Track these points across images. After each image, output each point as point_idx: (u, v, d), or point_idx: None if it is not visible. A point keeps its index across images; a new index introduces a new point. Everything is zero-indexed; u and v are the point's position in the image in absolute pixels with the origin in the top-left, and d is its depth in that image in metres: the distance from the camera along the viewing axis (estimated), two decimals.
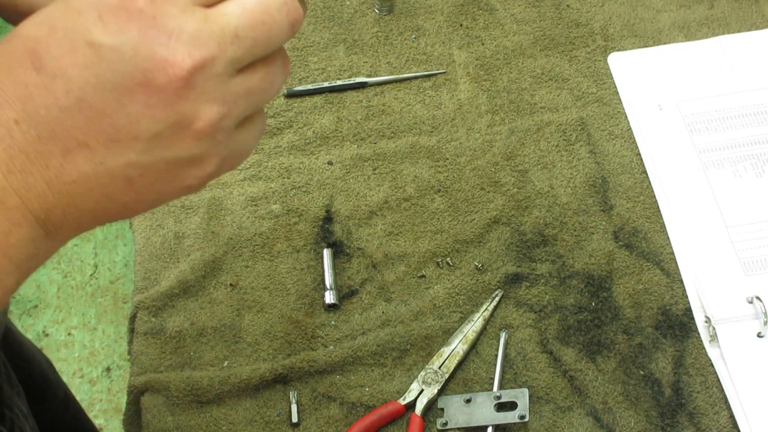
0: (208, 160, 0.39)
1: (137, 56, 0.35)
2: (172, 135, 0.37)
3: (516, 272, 0.74)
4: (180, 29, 0.36)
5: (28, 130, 0.36)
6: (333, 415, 0.68)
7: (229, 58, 0.37)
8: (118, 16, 0.35)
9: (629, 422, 0.67)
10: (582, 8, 0.89)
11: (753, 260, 0.73)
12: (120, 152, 0.37)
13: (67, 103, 0.36)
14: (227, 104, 0.38)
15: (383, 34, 0.89)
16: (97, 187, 0.38)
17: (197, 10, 0.37)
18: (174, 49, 0.36)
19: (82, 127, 0.36)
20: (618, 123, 0.82)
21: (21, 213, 0.37)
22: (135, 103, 0.36)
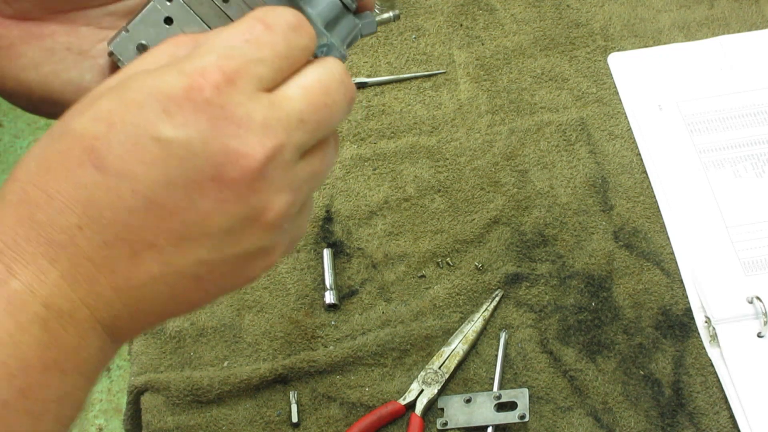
0: (275, 250, 0.38)
1: (208, 149, 0.33)
2: (242, 229, 0.35)
3: (516, 272, 0.74)
4: (249, 118, 0.34)
5: (92, 236, 0.34)
6: (333, 415, 0.68)
7: (296, 143, 0.36)
8: (184, 108, 0.33)
9: (629, 422, 0.67)
10: (582, 8, 0.89)
11: (753, 260, 0.73)
12: (190, 251, 0.35)
13: (135, 203, 0.33)
14: (294, 192, 0.36)
15: (383, 34, 0.89)
16: (166, 288, 0.36)
17: (262, 96, 0.35)
18: (245, 140, 0.34)
19: (151, 228, 0.34)
20: (618, 123, 0.82)
21: (90, 325, 0.35)
22: (206, 199, 0.34)
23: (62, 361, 0.34)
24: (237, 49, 0.35)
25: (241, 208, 0.35)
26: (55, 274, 0.34)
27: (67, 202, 0.33)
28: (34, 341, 0.33)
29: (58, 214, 0.33)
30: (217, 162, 0.34)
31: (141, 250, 0.34)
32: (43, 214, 0.34)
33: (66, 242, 0.34)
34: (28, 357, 0.33)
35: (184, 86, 0.34)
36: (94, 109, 0.35)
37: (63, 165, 0.34)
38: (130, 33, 0.43)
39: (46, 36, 0.44)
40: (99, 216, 0.34)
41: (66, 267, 0.34)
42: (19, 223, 0.34)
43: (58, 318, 0.34)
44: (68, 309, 0.34)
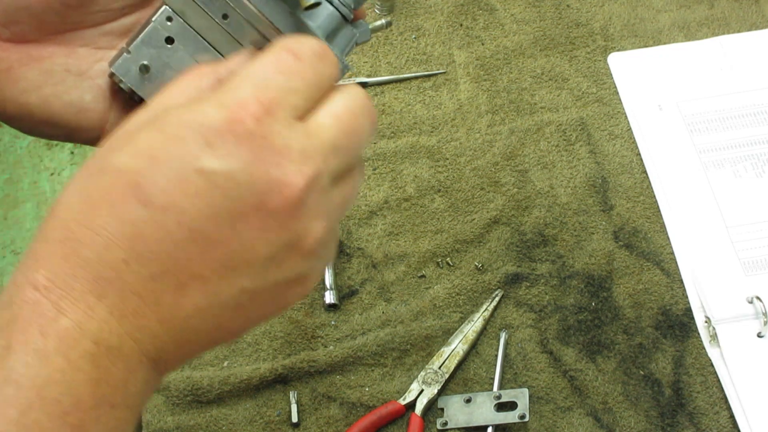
0: (311, 277, 0.39)
1: (251, 180, 0.34)
2: (283, 256, 0.36)
3: (516, 272, 0.74)
4: (288, 147, 0.35)
5: (139, 270, 0.34)
6: (333, 415, 0.68)
7: (331, 170, 0.37)
8: (226, 140, 0.34)
9: (629, 422, 0.67)
10: (582, 8, 0.89)
11: (753, 260, 0.73)
12: (234, 280, 0.36)
13: (181, 236, 0.34)
14: (330, 217, 0.37)
15: (383, 34, 0.89)
16: (210, 318, 0.36)
17: (298, 126, 0.36)
18: (287, 169, 0.35)
19: (196, 259, 0.35)
20: (618, 123, 0.82)
21: (138, 359, 0.35)
22: (250, 228, 0.35)
23: (112, 395, 0.34)
24: (271, 80, 0.36)
25: (282, 236, 0.36)
26: (103, 310, 0.34)
27: (113, 237, 0.34)
28: (86, 378, 0.33)
29: (104, 249, 0.34)
30: (260, 191, 0.34)
31: (187, 282, 0.35)
32: (89, 251, 0.34)
33: (113, 278, 0.34)
34: (81, 394, 0.33)
35: (225, 118, 0.34)
36: (133, 144, 0.35)
37: (106, 201, 0.34)
38: (132, 54, 0.44)
39: (44, 58, 0.44)
40: (145, 250, 0.34)
41: (113, 302, 0.34)
42: (65, 260, 0.34)
43: (107, 354, 0.34)
44: (117, 344, 0.34)
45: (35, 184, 1.92)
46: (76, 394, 0.33)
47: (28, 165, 1.95)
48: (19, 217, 1.88)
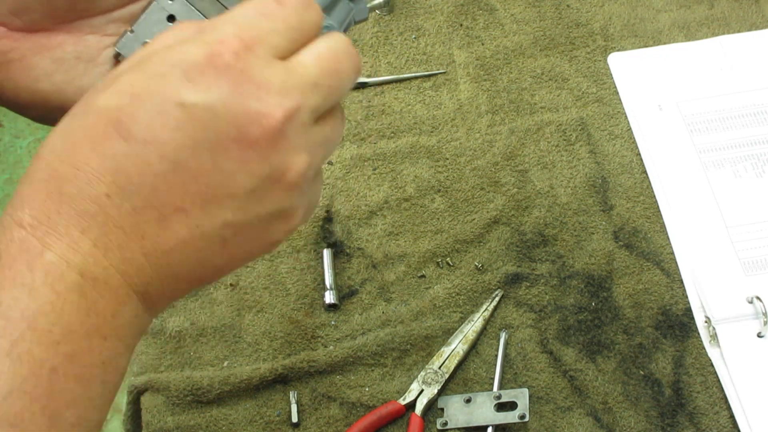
0: (295, 212, 0.39)
1: (230, 112, 0.35)
2: (265, 189, 0.37)
3: (516, 272, 0.74)
4: (268, 81, 0.36)
5: (121, 203, 0.35)
6: (333, 415, 0.68)
7: (311, 106, 0.37)
8: (206, 74, 0.35)
9: (629, 422, 0.67)
10: (582, 8, 0.89)
11: (753, 260, 0.73)
12: (216, 213, 0.36)
13: (162, 168, 0.35)
14: (311, 153, 0.38)
15: (383, 34, 0.89)
16: (194, 252, 0.37)
17: (278, 63, 0.37)
18: (265, 101, 0.35)
19: (178, 192, 0.35)
20: (618, 123, 0.82)
21: (125, 291, 0.36)
22: (230, 160, 0.36)
23: (102, 326, 0.35)
24: (253, 20, 0.37)
25: (263, 168, 0.36)
26: (87, 244, 0.35)
27: (95, 173, 0.35)
28: (75, 309, 0.34)
29: (87, 185, 0.35)
30: (240, 123, 0.35)
31: (169, 214, 0.35)
32: (72, 187, 0.35)
33: (96, 211, 0.35)
34: (71, 324, 0.34)
35: (205, 54, 0.35)
36: (116, 84, 0.36)
37: (89, 138, 0.35)
38: (135, 33, 0.45)
39: (55, 46, 0.46)
40: (127, 183, 0.35)
41: (97, 235, 0.35)
42: (49, 197, 0.35)
43: (94, 285, 0.35)
44: (103, 276, 0.35)
45: None
46: (66, 325, 0.34)
47: (28, 165, 1.94)
48: None
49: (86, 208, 0.35)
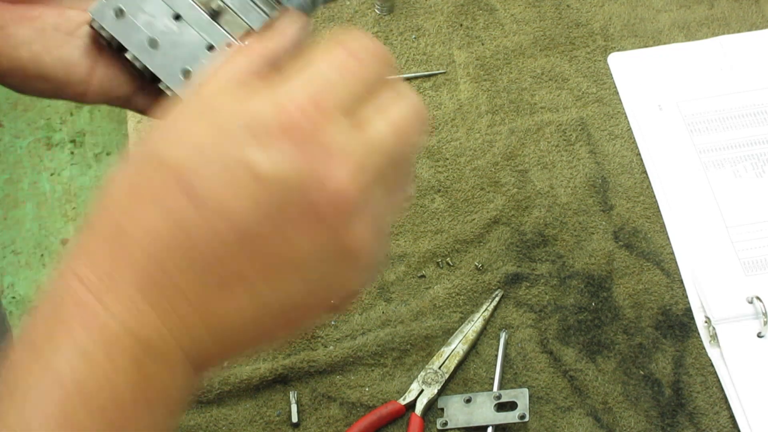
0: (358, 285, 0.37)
1: (302, 183, 0.32)
2: (332, 257, 0.34)
3: (516, 272, 0.74)
4: (343, 152, 0.33)
5: (185, 268, 0.33)
6: (333, 415, 0.68)
7: (385, 179, 0.35)
8: (278, 138, 0.32)
9: (629, 422, 0.67)
10: (582, 8, 0.89)
11: (753, 260, 0.73)
12: (280, 284, 0.34)
13: (228, 236, 0.33)
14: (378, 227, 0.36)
15: (383, 34, 0.89)
16: (253, 322, 0.35)
17: (354, 131, 0.34)
18: (340, 175, 0.33)
19: (243, 261, 0.33)
20: (618, 123, 0.82)
21: (179, 359, 0.34)
22: (299, 232, 0.33)
23: (151, 395, 0.34)
24: (328, 79, 0.34)
25: (330, 242, 0.34)
26: (146, 307, 0.33)
27: (160, 234, 0.33)
28: (126, 376, 0.33)
29: (151, 246, 0.33)
30: (312, 197, 0.33)
31: (232, 283, 0.34)
32: (136, 246, 0.33)
33: (158, 275, 0.33)
34: (121, 392, 0.33)
35: (277, 115, 0.33)
36: (180, 134, 0.34)
37: (153, 195, 0.33)
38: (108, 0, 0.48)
39: (36, 18, 0.49)
40: (192, 248, 0.33)
41: (158, 300, 0.33)
42: (111, 254, 0.33)
43: (148, 352, 0.33)
44: (159, 342, 0.33)
45: (35, 184, 1.92)
46: (116, 392, 0.32)
47: (28, 165, 1.94)
48: (19, 217, 1.87)
49: (149, 271, 0.33)
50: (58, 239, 1.85)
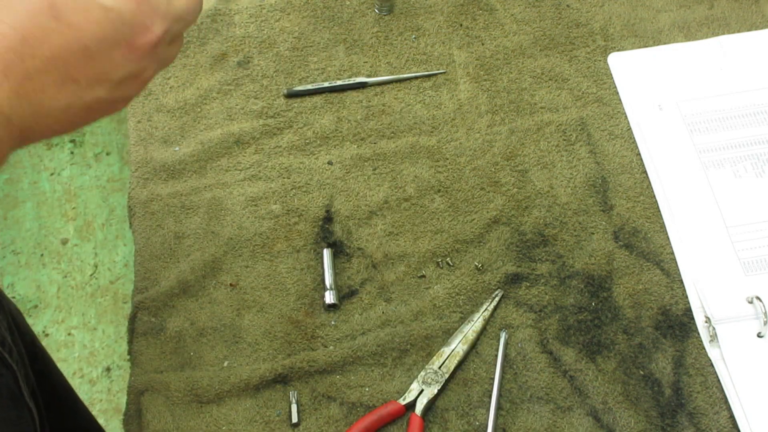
0: (131, 99, 0.52)
1: (132, 21, 0.48)
2: (129, 81, 0.50)
3: (516, 272, 0.74)
4: (157, 6, 0.50)
5: (38, 64, 0.46)
6: (333, 415, 0.68)
7: (173, 32, 0.52)
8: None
9: (629, 422, 0.67)
10: (582, 8, 0.89)
11: (753, 260, 0.73)
12: (96, 90, 0.49)
13: (74, 47, 0.47)
14: (160, 64, 0.53)
15: (383, 34, 0.89)
16: (69, 112, 0.48)
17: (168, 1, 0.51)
18: (155, 21, 0.50)
19: (78, 68, 0.47)
20: (618, 123, 0.82)
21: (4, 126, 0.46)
22: (119, 56, 0.49)
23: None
24: None
25: (135, 67, 0.50)
26: (6, 86, 0.45)
27: (27, 37, 0.46)
28: None
29: (18, 44, 0.46)
30: (135, 31, 0.49)
31: (66, 82, 0.48)
32: (6, 42, 0.45)
33: (18, 64, 0.46)
34: None
35: None
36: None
37: (27, 11, 0.46)
38: None
39: None
40: (47, 50, 0.46)
41: (14, 81, 0.46)
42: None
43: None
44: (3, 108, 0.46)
45: (35, 184, 1.92)
46: None
47: (28, 165, 1.94)
48: (19, 217, 1.87)
49: (12, 60, 0.45)
50: (58, 239, 1.85)
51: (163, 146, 0.84)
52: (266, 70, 0.88)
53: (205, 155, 0.82)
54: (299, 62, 0.88)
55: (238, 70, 0.88)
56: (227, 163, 0.82)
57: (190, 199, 0.80)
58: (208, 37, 0.90)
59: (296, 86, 0.86)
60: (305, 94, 0.86)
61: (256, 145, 0.83)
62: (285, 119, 0.84)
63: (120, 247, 1.83)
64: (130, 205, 0.81)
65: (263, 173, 0.81)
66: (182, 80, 0.88)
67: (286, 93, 0.86)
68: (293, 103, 0.85)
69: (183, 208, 0.80)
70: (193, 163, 0.82)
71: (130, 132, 0.85)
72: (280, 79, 0.87)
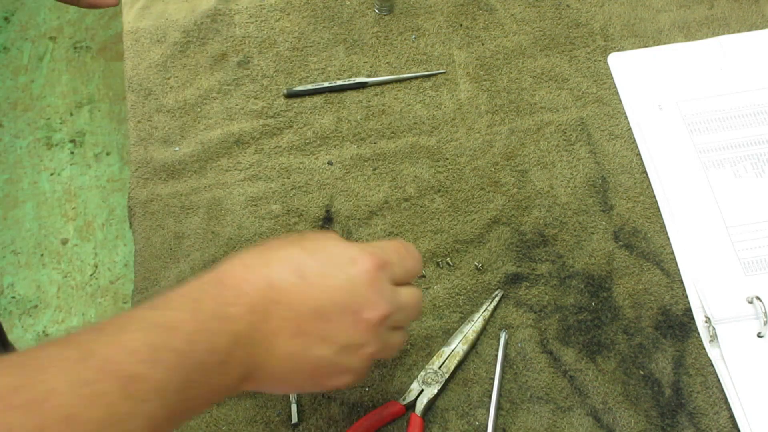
0: (353, 376, 0.56)
1: (363, 295, 0.54)
2: (350, 350, 0.54)
3: (516, 272, 0.74)
4: (385, 291, 0.55)
5: (281, 313, 0.51)
6: (333, 415, 0.68)
7: (395, 318, 0.56)
8: (360, 267, 0.54)
9: (629, 422, 0.67)
10: (582, 8, 0.89)
11: (753, 260, 0.73)
12: (322, 348, 0.53)
13: (311, 306, 0.52)
14: (383, 344, 0.56)
15: (383, 34, 0.89)
16: (294, 364, 0.53)
17: (393, 286, 0.57)
18: (381, 302, 0.55)
19: (310, 324, 0.52)
20: (618, 123, 0.82)
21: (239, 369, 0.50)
22: (346, 322, 0.53)
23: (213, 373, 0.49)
24: (390, 253, 0.58)
25: (357, 338, 0.54)
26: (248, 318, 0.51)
27: (274, 285, 0.52)
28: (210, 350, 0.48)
29: (266, 288, 0.52)
30: (363, 306, 0.54)
31: (298, 334, 0.52)
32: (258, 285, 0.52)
33: (262, 305, 0.51)
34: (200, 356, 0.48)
35: (361, 253, 0.55)
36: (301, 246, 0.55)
37: (281, 264, 0.53)
38: None
39: None
40: (287, 302, 0.52)
41: (255, 318, 0.51)
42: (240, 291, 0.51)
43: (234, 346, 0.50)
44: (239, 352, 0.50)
45: (35, 184, 1.92)
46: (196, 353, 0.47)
47: (28, 165, 1.95)
48: (19, 217, 1.88)
49: (258, 307, 0.51)
50: (58, 239, 1.85)
51: (163, 146, 0.84)
52: (266, 70, 0.88)
53: (205, 155, 0.82)
54: (299, 62, 0.88)
55: (238, 70, 0.88)
56: (227, 163, 0.82)
57: (190, 199, 0.80)
58: (208, 37, 0.91)
59: (296, 86, 0.86)
60: (305, 94, 0.86)
61: (256, 145, 0.83)
62: (285, 119, 0.84)
63: (120, 247, 1.83)
64: (130, 205, 0.81)
65: (263, 173, 0.81)
66: (182, 80, 0.88)
67: (286, 93, 0.86)
68: (293, 103, 0.85)
69: (183, 208, 0.80)
70: (193, 163, 0.82)
71: (130, 132, 0.85)
72: (280, 79, 0.87)
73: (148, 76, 0.89)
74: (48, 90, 2.08)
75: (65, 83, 2.09)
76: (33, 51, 2.15)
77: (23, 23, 2.20)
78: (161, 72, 0.89)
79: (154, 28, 0.92)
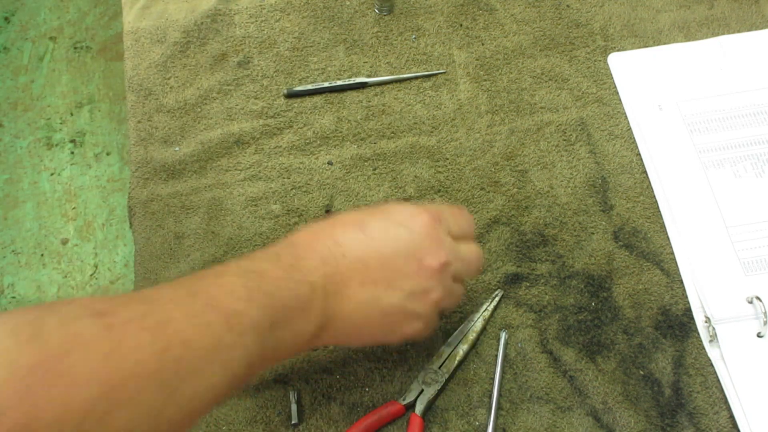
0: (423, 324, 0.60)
1: (423, 243, 0.58)
2: (417, 296, 0.58)
3: (516, 272, 0.74)
4: (444, 242, 0.60)
5: (348, 264, 0.56)
6: (333, 415, 0.68)
7: (457, 269, 0.61)
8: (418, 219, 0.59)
9: (629, 422, 0.67)
10: (582, 8, 0.89)
11: (753, 260, 0.73)
12: (390, 294, 0.57)
13: (376, 256, 0.57)
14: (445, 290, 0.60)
15: (383, 34, 0.89)
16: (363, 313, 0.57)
17: (449, 238, 0.61)
18: (441, 250, 0.59)
19: (378, 272, 0.57)
20: (618, 123, 0.82)
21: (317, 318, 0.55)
22: (410, 269, 0.58)
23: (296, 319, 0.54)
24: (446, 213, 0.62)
25: (423, 283, 0.58)
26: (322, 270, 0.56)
27: (340, 242, 0.57)
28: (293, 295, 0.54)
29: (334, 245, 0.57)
30: (425, 252, 0.58)
31: (366, 283, 0.57)
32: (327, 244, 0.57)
33: (332, 258, 0.56)
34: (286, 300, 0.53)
35: (420, 211, 0.60)
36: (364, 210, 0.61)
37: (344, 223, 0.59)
38: None
39: None
40: (353, 254, 0.57)
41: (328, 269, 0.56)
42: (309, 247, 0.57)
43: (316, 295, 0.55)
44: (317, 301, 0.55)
45: (35, 184, 1.92)
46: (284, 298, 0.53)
47: (28, 165, 1.95)
48: (19, 217, 1.88)
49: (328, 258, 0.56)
50: (58, 239, 1.85)
51: (163, 146, 0.84)
52: (266, 70, 0.88)
53: (205, 155, 0.83)
54: (299, 62, 0.88)
55: (238, 70, 0.88)
56: (227, 163, 0.82)
57: (190, 199, 0.80)
58: (208, 37, 0.91)
59: (296, 86, 0.86)
60: (305, 94, 0.86)
61: (256, 145, 0.83)
62: (285, 119, 0.84)
63: (120, 247, 1.83)
64: (130, 205, 0.81)
65: (263, 173, 0.81)
66: (182, 80, 0.88)
67: (286, 93, 0.86)
68: (293, 103, 0.85)
69: (183, 208, 0.80)
70: (193, 163, 0.82)
71: (130, 132, 0.85)
72: (280, 79, 0.87)
73: (148, 76, 0.89)
74: (48, 90, 2.08)
75: (65, 83, 2.09)
76: (33, 51, 2.15)
77: (23, 23, 2.20)
78: (161, 72, 0.89)
79: (154, 28, 0.92)
